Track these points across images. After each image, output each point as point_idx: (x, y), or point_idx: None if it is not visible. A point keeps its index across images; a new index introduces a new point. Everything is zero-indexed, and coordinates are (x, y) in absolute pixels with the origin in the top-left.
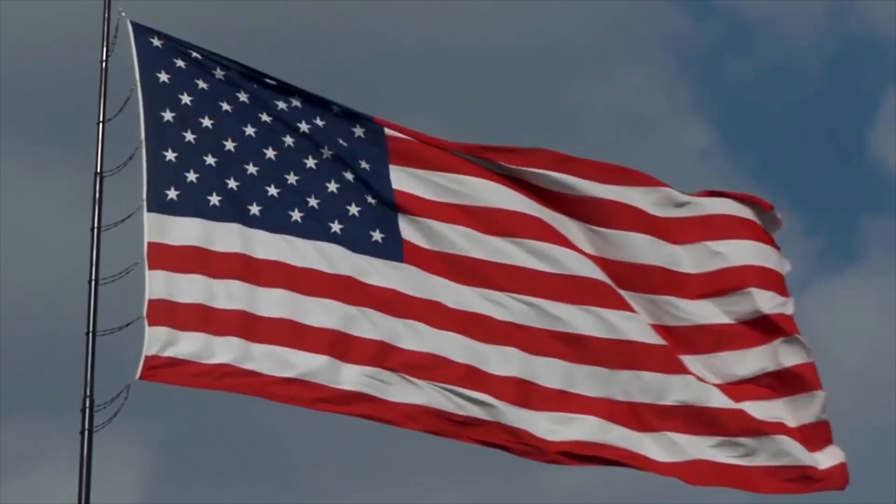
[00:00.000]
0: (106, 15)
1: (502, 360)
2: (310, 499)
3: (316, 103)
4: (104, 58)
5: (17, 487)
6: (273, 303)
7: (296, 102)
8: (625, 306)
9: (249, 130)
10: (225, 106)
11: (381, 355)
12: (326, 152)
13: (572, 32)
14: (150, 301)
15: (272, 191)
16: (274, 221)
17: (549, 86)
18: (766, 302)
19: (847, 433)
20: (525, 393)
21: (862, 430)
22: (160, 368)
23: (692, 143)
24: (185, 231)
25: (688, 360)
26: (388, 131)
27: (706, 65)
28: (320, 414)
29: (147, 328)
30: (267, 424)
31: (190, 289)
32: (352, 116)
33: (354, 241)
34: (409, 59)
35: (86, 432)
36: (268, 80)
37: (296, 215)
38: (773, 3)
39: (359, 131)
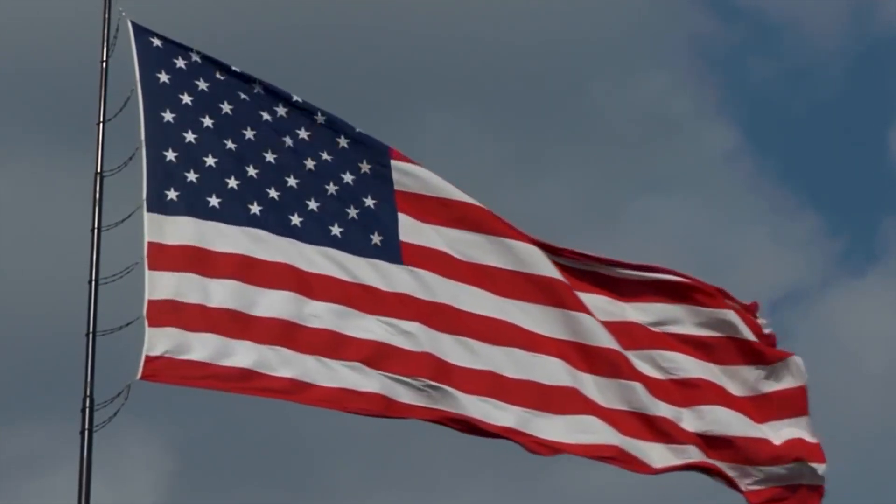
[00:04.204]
0: (106, 15)
1: (506, 362)
2: (329, 499)
3: (311, 111)
4: (104, 58)
5: (20, 489)
6: (272, 304)
7: (296, 101)
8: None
9: (249, 132)
10: (225, 107)
11: (378, 356)
12: (326, 155)
13: (598, 32)
14: (150, 301)
15: (272, 192)
16: (274, 222)
17: (575, 85)
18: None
19: (868, 433)
20: (539, 395)
21: (884, 430)
22: (160, 368)
23: (717, 145)
24: (185, 231)
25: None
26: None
27: (732, 66)
28: (339, 413)
29: (147, 328)
30: (286, 424)
31: (189, 289)
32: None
33: (354, 243)
34: (432, 57)
35: (86, 432)
36: (268, 87)
37: (295, 218)
38: (797, 4)
39: (356, 133)
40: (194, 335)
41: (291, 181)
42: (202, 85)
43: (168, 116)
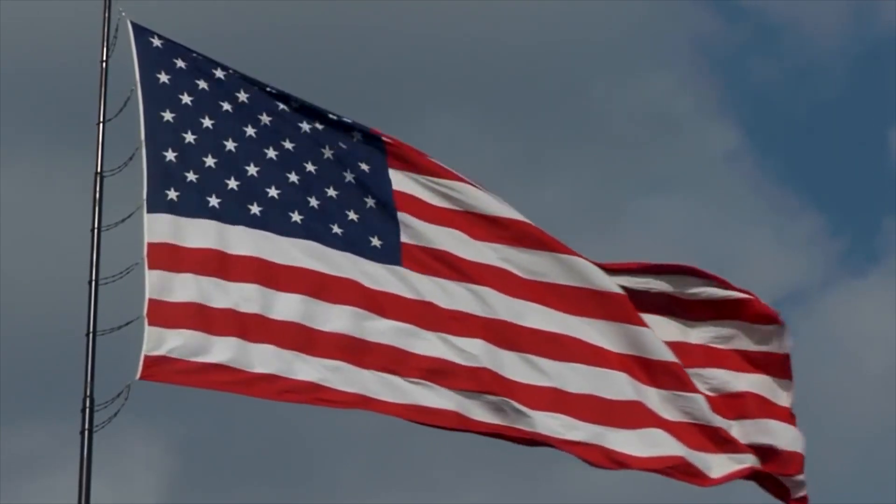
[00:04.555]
0: (106, 15)
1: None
2: (329, 499)
3: (313, 112)
4: (104, 58)
5: (20, 489)
6: (275, 304)
7: (295, 106)
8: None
9: (250, 131)
10: (225, 106)
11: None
12: (327, 152)
13: (598, 32)
14: (150, 301)
15: (272, 192)
16: (274, 223)
17: (575, 86)
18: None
19: (868, 433)
20: (551, 397)
21: (884, 430)
22: (160, 368)
23: (718, 145)
24: (185, 231)
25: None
26: (385, 138)
27: (732, 66)
28: (341, 413)
29: (147, 328)
30: (286, 424)
31: (189, 288)
32: (348, 128)
33: (354, 245)
34: (432, 57)
35: (86, 432)
36: (267, 89)
37: (296, 217)
38: (798, 4)
39: (357, 136)
40: (192, 334)
41: (293, 178)
42: (202, 85)
43: (168, 116)
